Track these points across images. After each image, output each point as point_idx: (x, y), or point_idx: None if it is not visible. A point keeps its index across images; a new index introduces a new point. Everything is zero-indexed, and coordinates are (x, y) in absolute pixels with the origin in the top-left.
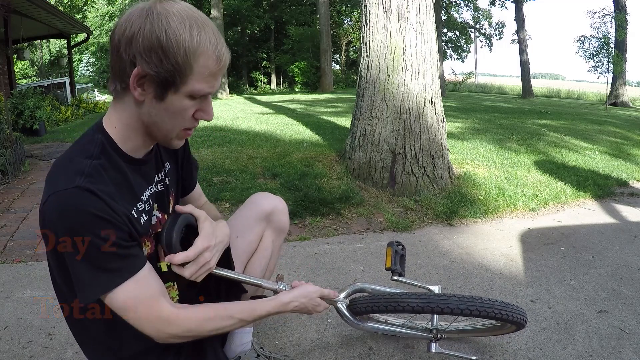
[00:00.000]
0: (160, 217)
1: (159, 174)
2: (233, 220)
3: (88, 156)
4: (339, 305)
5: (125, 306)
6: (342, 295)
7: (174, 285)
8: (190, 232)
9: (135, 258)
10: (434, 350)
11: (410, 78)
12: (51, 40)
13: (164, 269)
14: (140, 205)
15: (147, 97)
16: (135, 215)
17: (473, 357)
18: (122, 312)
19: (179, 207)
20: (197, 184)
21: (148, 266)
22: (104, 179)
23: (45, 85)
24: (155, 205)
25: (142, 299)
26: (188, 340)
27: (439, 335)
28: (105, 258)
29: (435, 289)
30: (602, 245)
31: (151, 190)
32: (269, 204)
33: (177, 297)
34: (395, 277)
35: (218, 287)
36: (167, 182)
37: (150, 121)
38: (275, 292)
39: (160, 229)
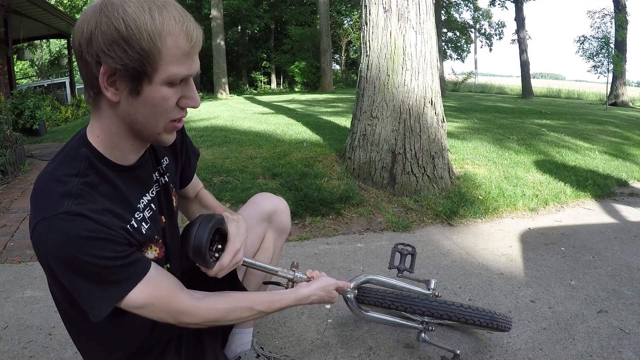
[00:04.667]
0: (159, 218)
1: (155, 174)
2: None
3: (74, 174)
4: (349, 295)
5: (142, 305)
6: (351, 285)
7: None
8: (215, 233)
9: (140, 261)
10: (421, 340)
11: (410, 78)
12: (51, 40)
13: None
14: (138, 214)
15: (122, 96)
16: (136, 225)
17: (457, 351)
18: (140, 311)
19: (218, 209)
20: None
21: (154, 265)
22: (94, 196)
23: (45, 85)
24: (157, 208)
25: (158, 295)
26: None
27: (429, 327)
28: (110, 273)
29: (432, 283)
30: (602, 245)
31: (152, 194)
32: (270, 205)
33: None
34: (399, 275)
35: (220, 287)
36: (167, 179)
37: (132, 120)
38: (291, 280)
39: (163, 226)
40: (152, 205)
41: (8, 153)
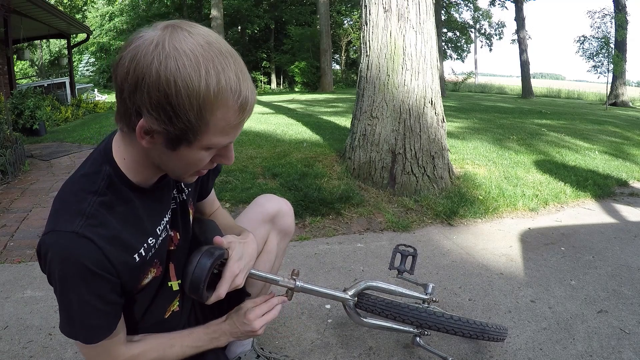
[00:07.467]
0: (173, 234)
1: (174, 191)
2: (238, 222)
3: (93, 191)
4: (349, 303)
5: (88, 353)
6: (351, 293)
7: (177, 296)
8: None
9: (114, 317)
10: (415, 344)
11: (410, 78)
12: (51, 40)
13: (175, 287)
14: (151, 240)
15: (156, 145)
16: (144, 253)
17: (448, 358)
18: (82, 353)
19: (217, 239)
20: (213, 189)
21: (120, 321)
22: (107, 219)
23: (45, 85)
24: (171, 226)
25: (105, 349)
26: None
27: (424, 332)
28: (86, 312)
29: (429, 288)
30: (602, 245)
31: (169, 215)
32: (274, 206)
33: (178, 303)
34: (399, 276)
35: None
36: (184, 197)
37: (161, 163)
38: (292, 289)
39: (173, 247)
40: (167, 226)
41: (8, 153)
